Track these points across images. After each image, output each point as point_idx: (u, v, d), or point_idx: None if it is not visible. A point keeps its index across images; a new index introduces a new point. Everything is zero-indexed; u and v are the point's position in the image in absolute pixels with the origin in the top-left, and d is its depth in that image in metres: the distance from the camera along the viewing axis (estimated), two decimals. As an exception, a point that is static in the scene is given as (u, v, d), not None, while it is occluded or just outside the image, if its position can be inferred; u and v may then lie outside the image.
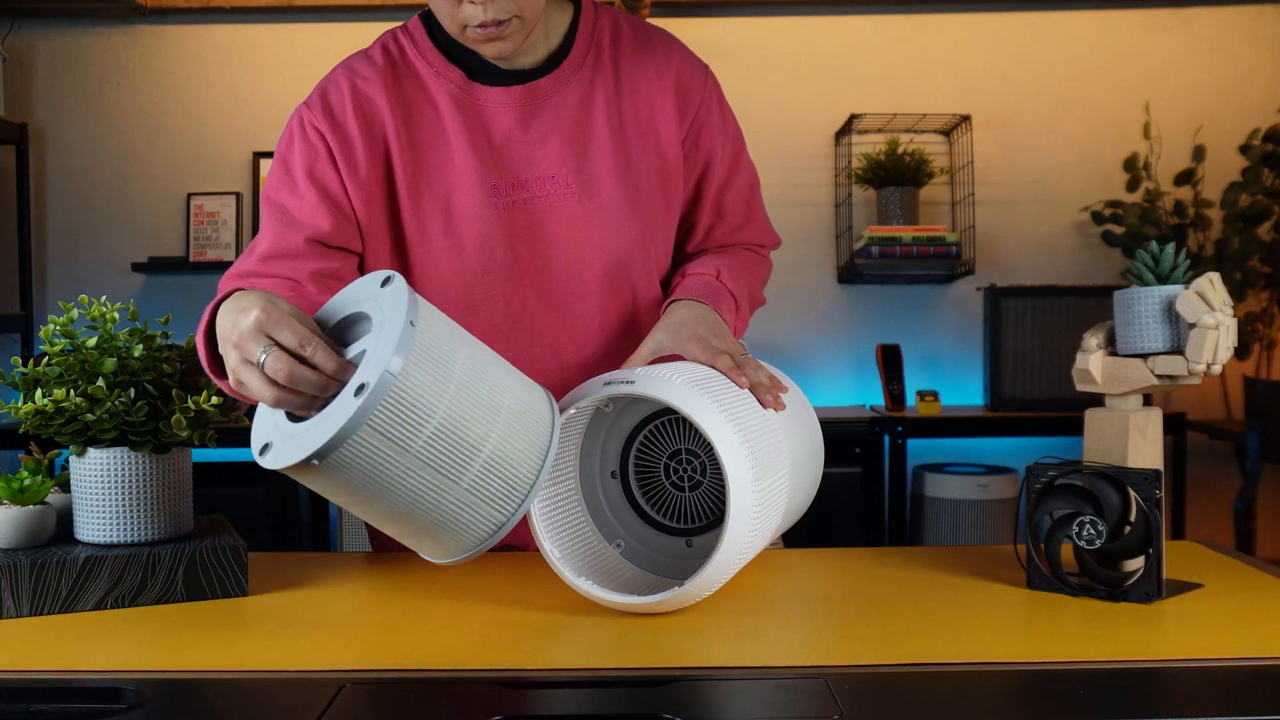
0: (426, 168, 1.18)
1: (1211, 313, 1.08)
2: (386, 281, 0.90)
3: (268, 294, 0.95)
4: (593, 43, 1.23)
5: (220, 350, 0.96)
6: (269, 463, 0.87)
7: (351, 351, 0.92)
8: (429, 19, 1.23)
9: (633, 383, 1.00)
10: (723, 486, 0.95)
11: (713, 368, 1.10)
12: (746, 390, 1.08)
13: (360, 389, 0.82)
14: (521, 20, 1.12)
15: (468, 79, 1.20)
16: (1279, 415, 3.04)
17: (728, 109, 1.32)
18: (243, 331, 0.90)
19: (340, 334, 0.94)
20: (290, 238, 1.16)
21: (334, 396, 0.87)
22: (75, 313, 1.10)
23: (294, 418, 0.91)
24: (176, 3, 3.56)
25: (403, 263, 1.21)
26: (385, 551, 1.32)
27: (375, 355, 0.85)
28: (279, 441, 0.88)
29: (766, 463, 1.01)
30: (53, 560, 1.04)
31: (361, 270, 1.23)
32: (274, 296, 0.94)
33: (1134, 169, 3.48)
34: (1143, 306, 1.12)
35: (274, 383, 0.88)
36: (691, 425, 1.10)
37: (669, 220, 1.29)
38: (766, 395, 1.09)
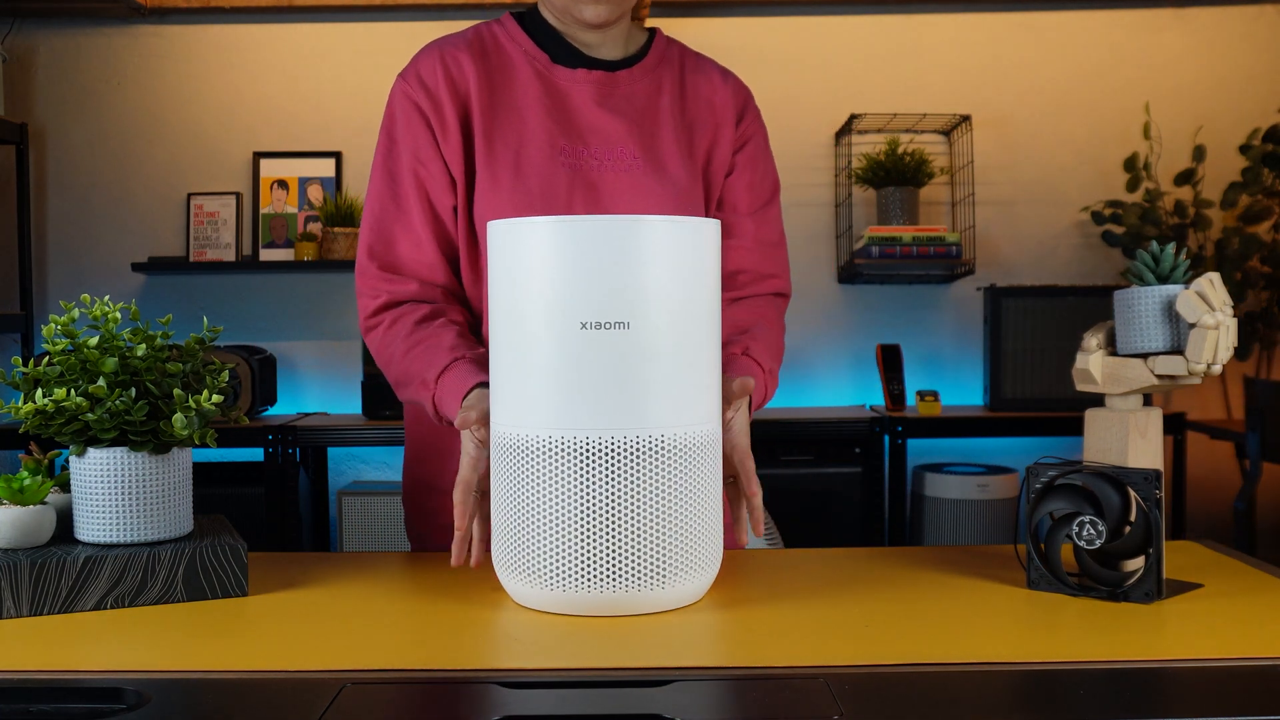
0: (502, 123, 1.30)
1: (1211, 313, 1.08)
2: None
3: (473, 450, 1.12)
4: (665, 56, 1.38)
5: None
6: None
7: None
8: (521, 18, 1.36)
9: None
10: None
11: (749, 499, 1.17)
12: None
13: None
14: None
15: (551, 61, 1.33)
16: (1279, 415, 3.04)
17: (770, 150, 1.43)
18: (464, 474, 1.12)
19: None
20: (409, 222, 1.30)
21: None
22: (77, 312, 1.10)
23: None
24: (176, 3, 3.56)
25: (469, 211, 1.31)
26: (425, 550, 1.35)
27: None
28: None
29: None
30: (53, 560, 1.04)
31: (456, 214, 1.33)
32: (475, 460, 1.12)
33: (1134, 169, 3.48)
34: (1143, 306, 1.11)
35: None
36: None
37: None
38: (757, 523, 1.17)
